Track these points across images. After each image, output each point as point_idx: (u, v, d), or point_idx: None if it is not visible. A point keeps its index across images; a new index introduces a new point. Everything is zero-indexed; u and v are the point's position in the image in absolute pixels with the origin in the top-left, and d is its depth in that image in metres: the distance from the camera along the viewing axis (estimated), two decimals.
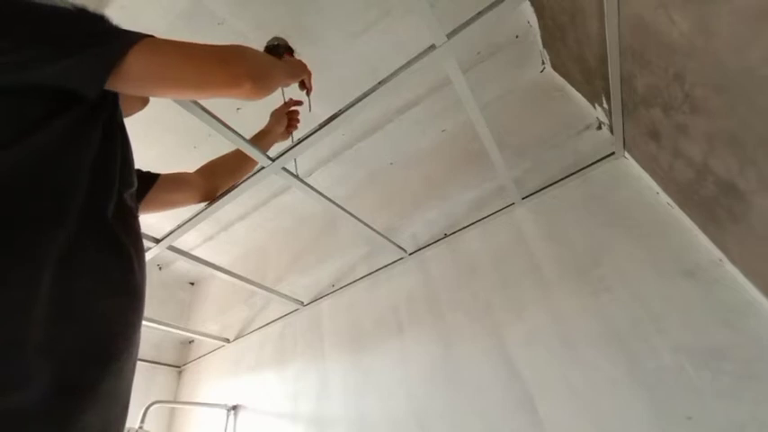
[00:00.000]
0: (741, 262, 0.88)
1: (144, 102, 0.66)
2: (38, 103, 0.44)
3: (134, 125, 0.60)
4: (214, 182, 0.97)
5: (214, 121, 0.84)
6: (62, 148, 0.44)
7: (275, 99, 1.12)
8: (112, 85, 0.47)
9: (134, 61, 0.47)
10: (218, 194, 1.02)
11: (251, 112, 1.52)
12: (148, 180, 0.80)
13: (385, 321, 1.50)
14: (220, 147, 0.99)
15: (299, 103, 1.16)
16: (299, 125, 1.17)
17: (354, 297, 1.68)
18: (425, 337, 1.36)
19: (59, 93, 0.46)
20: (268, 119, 1.12)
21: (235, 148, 1.01)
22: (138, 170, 0.73)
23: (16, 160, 0.40)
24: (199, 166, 1.02)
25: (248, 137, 0.96)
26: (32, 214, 0.40)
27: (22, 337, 0.35)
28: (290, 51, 1.36)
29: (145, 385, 2.01)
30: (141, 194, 0.76)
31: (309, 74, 0.99)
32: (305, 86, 1.04)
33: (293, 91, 1.12)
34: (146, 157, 1.64)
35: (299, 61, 0.98)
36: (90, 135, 0.48)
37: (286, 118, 1.11)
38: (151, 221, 1.87)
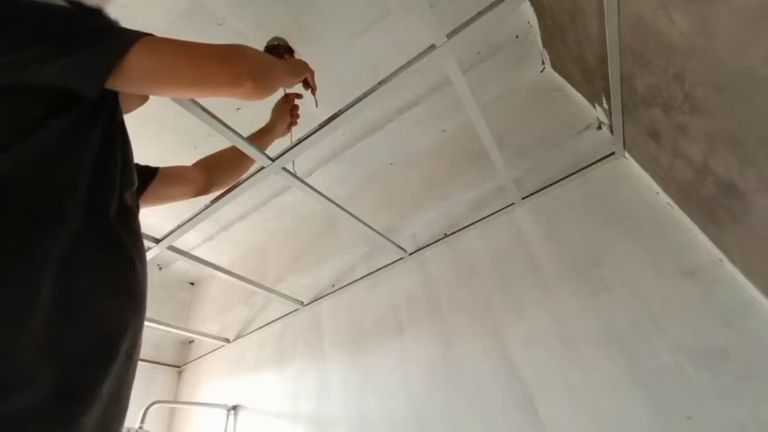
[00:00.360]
0: (741, 262, 0.88)
1: (143, 98, 0.65)
2: (38, 104, 0.44)
3: (134, 124, 0.60)
4: (212, 177, 0.96)
5: (214, 120, 0.84)
6: (62, 149, 0.44)
7: (276, 99, 1.12)
8: (112, 84, 0.47)
9: (134, 60, 0.47)
10: (216, 189, 1.01)
11: (251, 112, 1.52)
12: (147, 175, 0.80)
13: (385, 321, 1.50)
14: (220, 146, 0.99)
15: (298, 96, 1.13)
16: (298, 121, 1.14)
17: (354, 297, 1.68)
18: (425, 337, 1.36)
19: (59, 93, 0.46)
20: (266, 115, 1.10)
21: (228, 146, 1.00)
22: (137, 164, 0.72)
23: (16, 161, 0.40)
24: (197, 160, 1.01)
25: (246, 133, 0.95)
26: (33, 215, 0.40)
27: (22, 338, 0.35)
28: (290, 51, 1.36)
29: (145, 385, 2.01)
30: (141, 189, 0.76)
31: (312, 72, 0.97)
32: (309, 86, 1.02)
33: (297, 91, 1.11)
34: (145, 156, 1.62)
35: (301, 61, 0.96)
36: (90, 135, 0.48)
37: (289, 114, 1.09)
38: (151, 221, 1.87)
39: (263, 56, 0.66)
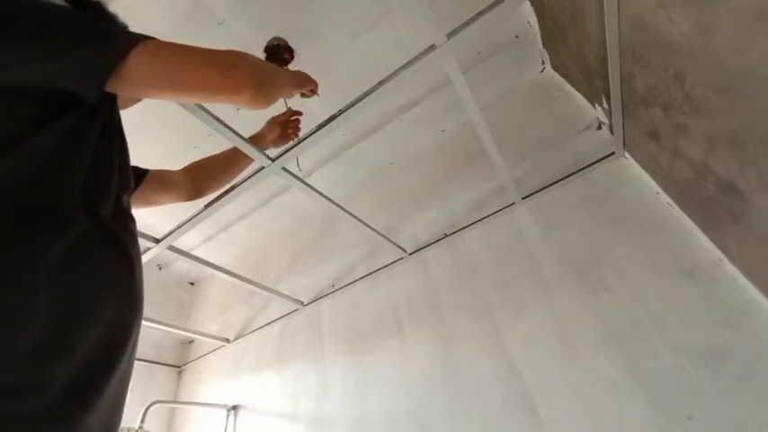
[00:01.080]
0: (741, 262, 0.88)
1: (137, 98, 0.65)
2: (37, 104, 0.44)
3: (133, 124, 0.60)
4: (200, 183, 0.94)
5: (214, 121, 0.84)
6: (61, 150, 0.44)
7: (277, 108, 1.11)
8: (111, 86, 0.47)
9: (134, 63, 0.47)
10: (206, 194, 0.99)
11: (251, 113, 1.52)
12: (136, 177, 0.78)
13: (385, 321, 1.50)
14: (220, 146, 0.99)
15: (298, 113, 1.10)
16: (300, 131, 1.09)
17: (354, 297, 1.68)
18: (425, 337, 1.36)
19: (58, 94, 0.45)
20: (265, 114, 1.07)
21: (224, 149, 0.99)
22: None
23: (16, 161, 0.40)
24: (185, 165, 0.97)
25: (246, 133, 0.95)
26: (32, 215, 0.40)
27: (23, 338, 0.35)
28: (290, 51, 1.36)
29: (145, 385, 2.01)
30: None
31: (315, 84, 0.90)
32: (311, 94, 0.95)
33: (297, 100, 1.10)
34: (145, 156, 1.64)
35: (304, 73, 0.91)
36: (88, 136, 0.47)
37: (279, 126, 1.06)
38: (151, 222, 1.87)
39: (266, 65, 0.65)
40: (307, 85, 0.85)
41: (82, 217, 0.44)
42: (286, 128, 1.06)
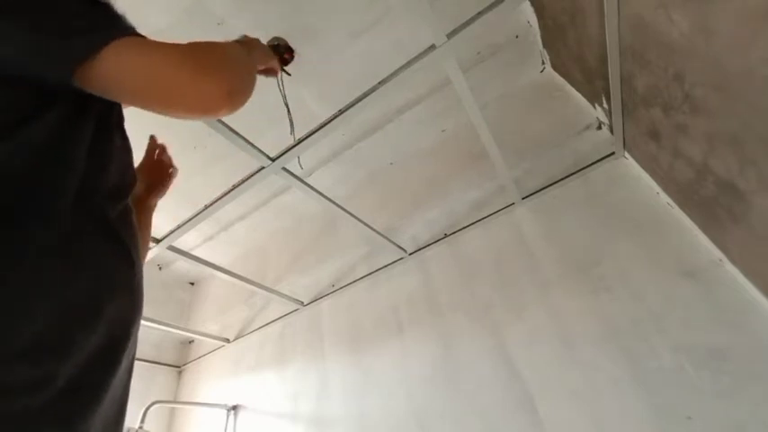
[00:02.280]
0: (741, 262, 0.88)
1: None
2: (31, 94, 0.43)
3: (131, 122, 0.59)
4: None
5: (213, 120, 0.84)
6: (55, 140, 0.43)
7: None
8: (82, 83, 0.43)
9: (104, 61, 0.43)
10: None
11: (250, 110, 1.52)
12: None
13: (385, 321, 1.50)
14: (220, 146, 0.99)
15: (162, 150, 0.86)
16: (172, 177, 0.84)
17: (354, 297, 1.68)
18: (425, 337, 1.36)
19: (51, 85, 0.44)
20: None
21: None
22: None
23: (10, 153, 0.40)
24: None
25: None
26: (31, 212, 0.40)
27: (22, 338, 0.35)
28: (290, 51, 1.36)
29: (145, 385, 2.01)
30: None
31: (276, 60, 0.76)
32: (275, 72, 0.81)
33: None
34: (141, 155, 1.64)
35: (263, 52, 0.76)
36: (83, 129, 0.46)
37: (147, 172, 0.81)
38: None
39: (237, 66, 0.56)
40: (269, 60, 0.74)
41: (79, 212, 0.43)
42: (158, 170, 0.83)
